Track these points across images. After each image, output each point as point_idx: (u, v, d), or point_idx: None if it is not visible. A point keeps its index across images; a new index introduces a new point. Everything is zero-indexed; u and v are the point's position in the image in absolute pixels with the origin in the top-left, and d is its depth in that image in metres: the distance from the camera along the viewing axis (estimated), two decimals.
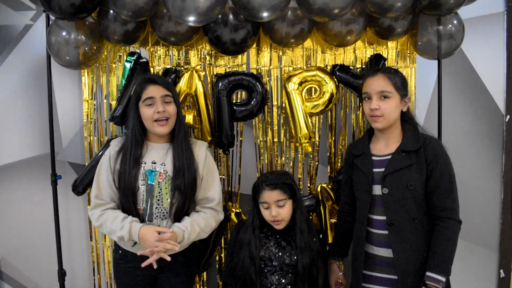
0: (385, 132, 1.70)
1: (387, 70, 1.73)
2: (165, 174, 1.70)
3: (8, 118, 2.31)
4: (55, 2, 1.66)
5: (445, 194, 1.62)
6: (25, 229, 2.36)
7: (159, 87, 1.68)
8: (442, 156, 1.64)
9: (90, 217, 1.73)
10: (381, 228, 1.65)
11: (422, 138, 1.65)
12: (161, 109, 1.65)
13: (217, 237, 2.11)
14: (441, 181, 1.62)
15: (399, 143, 1.67)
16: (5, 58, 2.28)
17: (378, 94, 1.64)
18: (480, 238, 2.53)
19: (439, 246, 1.59)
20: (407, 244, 1.61)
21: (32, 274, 2.39)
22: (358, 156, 1.75)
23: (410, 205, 1.62)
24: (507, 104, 2.48)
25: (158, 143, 1.74)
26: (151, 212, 1.67)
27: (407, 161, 1.62)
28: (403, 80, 1.70)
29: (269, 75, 2.14)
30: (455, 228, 1.62)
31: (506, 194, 2.52)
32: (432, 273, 1.57)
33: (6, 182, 2.33)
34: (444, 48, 1.99)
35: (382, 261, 1.65)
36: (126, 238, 1.60)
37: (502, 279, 2.56)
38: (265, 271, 1.74)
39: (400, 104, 1.67)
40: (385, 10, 1.72)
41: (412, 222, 1.62)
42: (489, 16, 2.45)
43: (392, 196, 1.62)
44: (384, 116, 1.63)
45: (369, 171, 1.68)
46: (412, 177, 1.61)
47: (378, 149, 1.72)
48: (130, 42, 1.96)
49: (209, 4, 1.60)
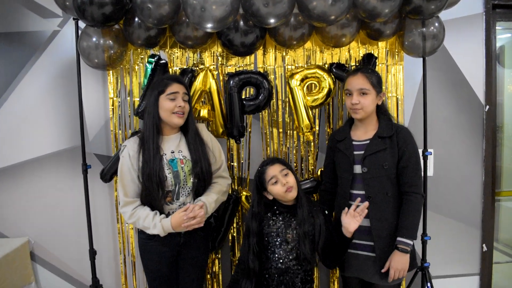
0: (363, 121, 1.98)
1: (365, 70, 1.98)
2: (185, 159, 1.93)
3: (38, 115, 2.51)
4: (88, 12, 1.87)
5: (413, 173, 1.90)
6: (55, 215, 2.56)
7: (181, 86, 1.92)
8: (410, 142, 1.93)
9: (123, 214, 1.91)
10: (360, 200, 1.88)
11: (394, 127, 1.94)
12: (182, 104, 1.88)
13: (230, 217, 2.35)
14: (410, 162, 1.90)
15: (376, 130, 1.95)
16: (35, 61, 2.48)
17: (358, 91, 1.91)
18: (464, 216, 2.78)
19: (408, 216, 1.87)
20: (382, 214, 1.89)
21: (62, 256, 2.60)
22: (341, 141, 2.02)
23: (385, 181, 1.90)
24: (486, 95, 2.72)
25: (169, 135, 1.95)
26: (178, 192, 1.91)
27: (383, 145, 1.90)
28: (378, 79, 1.97)
29: (274, 73, 2.37)
30: (420, 200, 1.90)
31: (487, 176, 2.76)
32: (403, 238, 1.85)
33: (38, 172, 2.53)
34: (428, 47, 2.21)
35: (360, 230, 1.88)
36: (162, 234, 1.85)
37: (484, 252, 2.81)
38: (274, 244, 1.86)
39: (376, 99, 1.94)
40: (374, 16, 1.94)
41: (386, 196, 1.90)
42: (469, 17, 2.68)
43: (370, 174, 1.90)
44: (363, 109, 1.91)
45: (350, 153, 1.95)
46: (386, 158, 1.89)
47: (357, 135, 2.00)
48: (152, 46, 2.18)
49: (224, 14, 1.82)
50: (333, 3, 1.83)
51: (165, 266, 1.98)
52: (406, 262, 1.86)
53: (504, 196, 3.09)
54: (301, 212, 1.85)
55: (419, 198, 1.90)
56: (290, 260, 1.86)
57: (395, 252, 1.86)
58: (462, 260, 2.81)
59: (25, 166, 2.53)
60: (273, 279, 1.87)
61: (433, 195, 2.67)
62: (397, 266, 1.84)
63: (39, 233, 2.57)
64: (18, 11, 2.46)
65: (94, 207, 2.50)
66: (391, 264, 1.86)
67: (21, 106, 2.50)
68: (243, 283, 1.88)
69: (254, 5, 1.84)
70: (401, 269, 1.85)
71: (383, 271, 1.88)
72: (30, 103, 2.50)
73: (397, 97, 2.42)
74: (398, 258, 1.85)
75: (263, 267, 1.89)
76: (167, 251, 1.96)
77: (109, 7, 1.88)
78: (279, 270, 1.86)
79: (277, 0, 1.82)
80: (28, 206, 2.54)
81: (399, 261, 1.85)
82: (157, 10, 1.86)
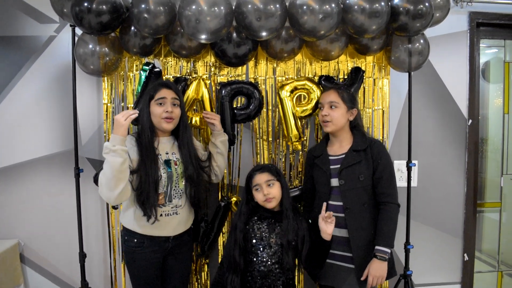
0: (337, 136, 2.07)
1: (337, 87, 2.11)
2: (178, 161, 1.99)
3: (32, 119, 2.53)
4: (86, 20, 1.90)
5: (387, 183, 1.98)
6: (46, 217, 2.57)
7: (170, 91, 1.97)
8: (384, 154, 2.02)
9: (99, 186, 1.81)
10: (338, 211, 1.97)
11: (368, 140, 2.02)
12: (169, 109, 1.93)
13: (221, 222, 2.40)
14: (384, 173, 1.98)
15: (350, 144, 2.04)
16: (30, 65, 2.51)
17: (328, 104, 2.02)
18: (446, 226, 2.86)
19: (384, 225, 1.95)
20: (359, 224, 1.96)
21: (52, 259, 2.60)
22: (318, 157, 2.10)
23: (361, 193, 1.98)
24: (470, 110, 2.82)
25: (164, 136, 2.02)
26: (170, 193, 1.95)
27: (358, 158, 1.99)
28: (351, 96, 2.08)
29: (265, 83, 2.43)
30: (395, 210, 1.98)
31: (469, 188, 2.85)
32: (380, 247, 1.93)
33: (30, 175, 2.55)
34: (413, 62, 2.29)
35: (338, 241, 1.97)
36: (110, 147, 1.73)
37: (466, 262, 2.89)
38: (257, 247, 1.92)
39: (346, 114, 2.03)
40: (362, 32, 2.01)
41: (362, 206, 1.97)
42: (454, 34, 2.79)
43: (347, 186, 1.97)
44: (332, 122, 2.01)
45: (327, 168, 2.04)
46: (362, 171, 1.97)
47: (333, 150, 2.08)
48: (147, 54, 2.22)
49: (218, 26, 1.88)
50: (323, 19, 1.90)
51: (152, 272, 2.00)
52: (384, 269, 1.93)
53: (488, 207, 3.16)
54: (286, 222, 1.92)
55: (395, 208, 1.98)
56: (273, 263, 1.92)
57: (373, 260, 1.93)
58: (444, 268, 2.88)
59: (17, 168, 2.55)
60: (256, 282, 1.93)
61: (417, 205, 2.75)
62: (375, 273, 1.91)
63: (29, 235, 2.58)
64: (15, 15, 2.50)
65: (85, 210, 2.52)
66: (369, 271, 1.92)
67: (16, 109, 2.53)
68: (229, 278, 1.92)
69: (247, 19, 1.90)
70: (379, 276, 1.92)
71: (362, 279, 1.95)
72: (24, 106, 2.53)
73: (383, 109, 2.50)
74: (377, 265, 1.91)
75: (246, 269, 1.94)
76: (156, 257, 2.00)
77: (106, 16, 1.92)
78: (261, 273, 1.92)
79: (269, 14, 1.88)
80: (20, 208, 2.56)
81: (377, 269, 1.91)
82: (153, 20, 1.91)
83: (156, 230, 1.95)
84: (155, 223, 1.91)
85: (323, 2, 1.89)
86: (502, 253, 3.18)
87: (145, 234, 1.95)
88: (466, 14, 2.79)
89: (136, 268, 2.00)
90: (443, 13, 2.24)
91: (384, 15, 1.96)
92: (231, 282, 1.91)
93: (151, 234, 1.96)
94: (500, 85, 3.10)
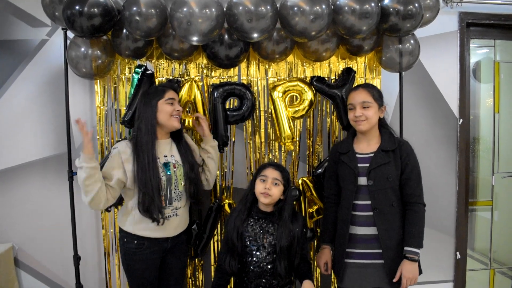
0: (366, 135, 2.05)
1: (366, 85, 2.09)
2: (177, 163, 2.02)
3: (25, 122, 2.53)
4: (78, 23, 1.91)
5: (415, 184, 1.99)
6: (40, 221, 2.57)
7: (176, 94, 2.08)
8: (412, 155, 2.03)
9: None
10: (365, 210, 1.97)
11: (397, 141, 2.02)
12: (180, 108, 2.03)
13: (213, 225, 2.39)
14: (412, 174, 1.99)
15: (379, 144, 2.02)
16: (23, 69, 2.52)
17: (360, 104, 2.00)
18: (439, 225, 2.88)
19: (414, 226, 1.95)
20: (388, 224, 1.96)
21: (46, 262, 2.60)
22: (344, 154, 2.07)
23: (389, 193, 1.97)
24: (460, 109, 2.85)
25: (162, 139, 2.03)
26: (171, 196, 1.98)
27: (386, 158, 1.98)
28: (379, 93, 2.07)
29: (257, 85, 2.44)
30: (423, 210, 1.99)
31: (460, 186, 2.88)
32: (411, 248, 1.93)
33: (24, 178, 2.55)
34: (404, 63, 2.31)
35: (365, 239, 1.97)
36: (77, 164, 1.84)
37: (458, 260, 2.92)
38: (251, 249, 1.94)
39: (378, 111, 2.03)
40: (353, 33, 2.04)
41: (391, 207, 1.97)
42: (445, 34, 2.82)
43: (376, 186, 1.96)
44: (367, 120, 1.99)
45: (354, 166, 2.01)
46: (390, 171, 1.97)
47: (361, 148, 2.06)
48: (139, 56, 2.23)
49: (210, 28, 1.89)
50: (314, 20, 1.92)
51: (150, 272, 2.02)
52: (416, 270, 1.94)
53: (480, 206, 3.19)
54: (282, 227, 1.93)
55: (422, 208, 1.99)
56: (267, 264, 1.94)
57: (404, 261, 1.92)
58: (436, 267, 2.90)
59: (11, 172, 2.55)
60: (251, 282, 1.95)
61: None
62: (408, 275, 1.91)
63: (23, 239, 2.58)
64: (6, 19, 2.50)
65: (79, 213, 2.50)
66: (403, 274, 1.92)
67: (9, 113, 2.53)
68: (227, 260, 1.94)
69: (239, 20, 1.92)
70: (412, 277, 1.92)
71: (395, 280, 1.94)
72: (17, 110, 2.53)
73: None
74: (409, 267, 1.91)
75: (242, 270, 1.97)
76: (155, 257, 2.02)
77: (98, 19, 1.93)
78: (256, 273, 1.94)
79: (260, 15, 1.89)
80: (13, 212, 2.56)
81: (410, 270, 1.91)
82: (144, 22, 1.92)
83: (157, 232, 1.97)
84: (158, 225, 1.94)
85: (314, 3, 1.90)
86: (494, 251, 3.21)
87: (146, 237, 1.97)
88: (456, 14, 2.82)
89: (136, 269, 2.01)
90: (433, 13, 2.27)
91: (374, 16, 1.98)
92: (229, 264, 1.94)
93: (152, 236, 1.98)
94: (491, 84, 3.13)
